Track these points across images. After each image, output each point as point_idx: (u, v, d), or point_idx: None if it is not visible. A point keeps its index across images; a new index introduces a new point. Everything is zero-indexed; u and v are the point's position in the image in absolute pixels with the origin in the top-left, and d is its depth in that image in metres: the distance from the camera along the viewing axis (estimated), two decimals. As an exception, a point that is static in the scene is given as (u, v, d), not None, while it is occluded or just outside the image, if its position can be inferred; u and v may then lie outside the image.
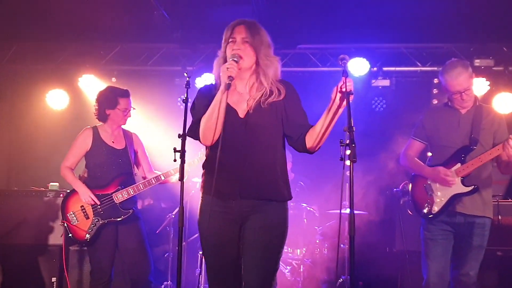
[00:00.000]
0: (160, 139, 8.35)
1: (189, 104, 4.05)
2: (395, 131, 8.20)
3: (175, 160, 3.91)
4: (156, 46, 9.13)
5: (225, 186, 3.84)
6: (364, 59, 8.48)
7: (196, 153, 6.26)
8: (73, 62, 9.11)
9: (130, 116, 6.18)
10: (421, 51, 8.76)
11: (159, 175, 6.11)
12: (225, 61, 3.90)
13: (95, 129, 6.10)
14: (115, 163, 5.99)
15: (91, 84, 8.97)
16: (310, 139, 3.91)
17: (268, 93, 3.92)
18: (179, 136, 3.91)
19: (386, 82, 9.00)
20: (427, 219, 5.33)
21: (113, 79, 9.07)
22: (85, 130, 6.11)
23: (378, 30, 8.22)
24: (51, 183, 7.58)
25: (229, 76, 3.71)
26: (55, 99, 9.31)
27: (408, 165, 5.57)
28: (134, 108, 6.20)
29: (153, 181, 6.08)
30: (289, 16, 8.04)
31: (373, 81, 8.97)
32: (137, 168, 6.27)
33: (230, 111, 3.84)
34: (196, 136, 3.95)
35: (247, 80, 4.00)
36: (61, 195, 7.15)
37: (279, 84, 4.00)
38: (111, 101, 6.03)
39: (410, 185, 5.56)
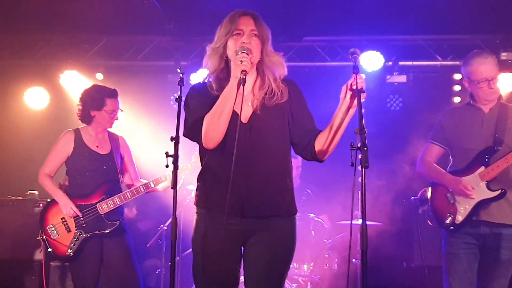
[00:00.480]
0: (151, 143, 8.35)
1: (183, 103, 4.02)
2: (412, 133, 8.19)
3: (167, 166, 3.89)
4: (147, 38, 9.13)
5: (224, 200, 3.68)
6: (378, 53, 8.47)
7: (190, 157, 6.25)
8: (54, 57, 9.11)
9: (117, 119, 6.16)
10: (441, 43, 8.75)
11: (148, 182, 6.10)
12: (223, 55, 3.87)
13: (77, 132, 6.08)
14: (99, 170, 5.97)
15: (74, 81, 8.97)
16: (319, 146, 3.84)
17: (272, 91, 3.87)
18: (172, 139, 3.89)
19: (402, 78, 8.98)
20: (450, 230, 5.30)
21: (99, 76, 9.07)
22: (66, 133, 6.09)
23: (393, 20, 8.21)
24: (30, 191, 7.58)
25: (243, 70, 3.63)
26: (34, 98, 9.31)
27: (426, 172, 5.54)
28: (122, 110, 6.18)
29: (141, 189, 6.06)
30: (293, 4, 8.03)
31: (388, 77, 8.96)
32: (123, 175, 6.25)
33: (232, 115, 3.74)
34: (195, 137, 3.85)
35: (249, 78, 3.87)
36: (41, 204, 7.15)
37: (281, 83, 3.95)
38: (97, 101, 6.01)
39: (430, 193, 5.53)
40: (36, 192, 7.53)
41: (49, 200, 6.08)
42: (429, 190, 5.53)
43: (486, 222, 5.18)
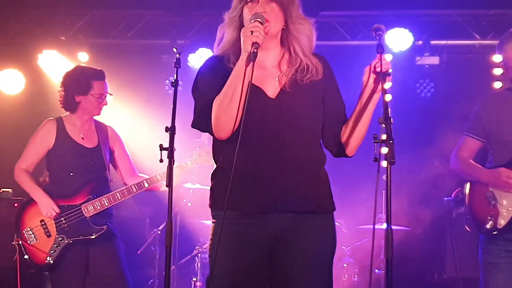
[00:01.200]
0: (143, 134, 8.38)
1: (180, 88, 4.03)
2: (445, 123, 8.20)
3: (161, 161, 3.86)
4: (138, 13, 9.15)
5: (252, 197, 3.61)
6: (406, 30, 8.47)
7: (189, 152, 6.25)
8: (31, 34, 9.13)
9: (106, 104, 6.15)
10: (480, 19, 8.74)
11: (141, 181, 6.07)
12: (240, 25, 3.73)
13: (59, 121, 6.07)
14: (84, 166, 5.97)
15: (54, 63, 8.99)
16: (344, 138, 3.80)
17: (304, 67, 3.77)
18: (167, 129, 3.89)
19: (434, 60, 8.99)
20: (490, 236, 5.29)
21: (82, 56, 9.08)
22: (46, 122, 6.09)
23: (424, -8, 8.22)
24: (2, 190, 7.61)
25: (254, 43, 3.46)
26: (7, 82, 9.33)
27: (461, 169, 5.54)
28: (111, 94, 6.17)
29: (133, 189, 6.04)
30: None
31: (418, 58, 8.97)
32: (115, 171, 6.25)
33: (254, 91, 3.58)
34: (205, 126, 3.73)
35: (273, 51, 3.81)
36: (15, 205, 7.17)
37: (315, 57, 3.85)
38: (82, 84, 5.99)
39: (467, 193, 5.53)
40: (10, 190, 7.55)
41: (25, 199, 6.09)
42: (467, 188, 5.53)
43: None
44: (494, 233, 5.25)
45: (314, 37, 3.87)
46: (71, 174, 5.92)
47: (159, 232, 7.86)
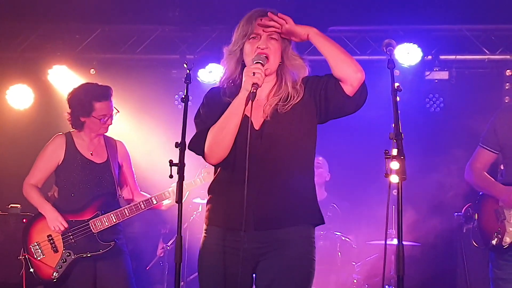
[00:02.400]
0: (152, 149, 8.36)
1: (190, 103, 4.05)
2: (455, 138, 8.17)
3: (171, 176, 3.89)
4: (148, 28, 9.16)
5: (236, 215, 3.78)
6: (415, 45, 8.45)
7: (198, 168, 6.24)
8: (41, 50, 9.16)
9: (111, 124, 6.13)
10: (489, 34, 8.71)
11: (150, 198, 6.06)
12: (240, 59, 3.98)
13: (69, 136, 6.09)
14: (93, 181, 5.97)
15: (64, 78, 9.00)
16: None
17: (287, 96, 3.96)
18: (177, 145, 3.90)
19: (443, 75, 8.97)
20: (497, 253, 5.27)
21: (92, 71, 9.10)
22: (56, 137, 6.10)
23: (433, 7, 8.19)
24: (11, 205, 7.60)
25: (255, 84, 3.74)
26: (17, 97, 9.34)
27: (475, 181, 5.52)
28: (118, 111, 6.15)
29: (142, 205, 6.04)
30: (318, -11, 8.05)
31: (427, 73, 8.94)
32: (121, 188, 6.24)
33: (245, 121, 3.84)
34: (199, 150, 3.98)
35: (267, 84, 4.02)
36: (24, 220, 7.14)
37: (302, 82, 4.05)
38: (84, 106, 5.99)
39: (478, 206, 5.50)
40: (19, 206, 7.54)
41: (33, 215, 6.08)
42: (478, 202, 5.50)
43: None
44: (499, 249, 5.22)
45: (306, 69, 4.06)
46: (80, 189, 5.92)
47: (168, 247, 7.83)
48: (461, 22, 8.65)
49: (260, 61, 3.82)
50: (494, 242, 5.26)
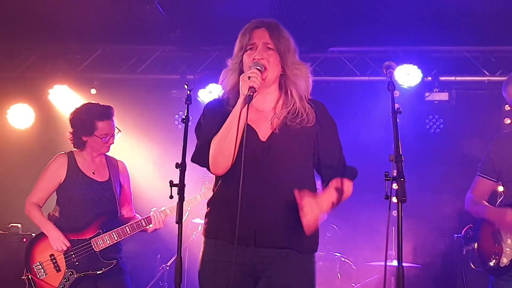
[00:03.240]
0: (152, 170, 8.36)
1: (191, 123, 4.05)
2: (455, 159, 8.18)
3: (171, 197, 3.88)
4: (148, 48, 9.20)
5: (234, 229, 3.70)
6: (415, 67, 8.49)
7: (198, 187, 6.24)
8: (42, 69, 9.19)
9: (113, 143, 6.14)
10: (489, 55, 8.75)
11: (151, 216, 6.05)
12: (240, 71, 3.95)
13: (71, 156, 6.09)
14: (95, 200, 5.97)
15: (64, 98, 9.04)
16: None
17: (296, 111, 3.93)
18: (177, 165, 3.90)
19: (443, 96, 8.99)
20: (495, 274, 5.26)
21: (93, 91, 9.13)
22: (58, 156, 6.11)
23: (433, 29, 8.22)
24: (12, 224, 7.60)
25: (251, 87, 3.71)
26: (18, 116, 9.37)
27: (473, 209, 5.51)
28: (119, 131, 6.17)
29: (143, 223, 6.03)
30: (318, 10, 8.06)
31: (427, 94, 8.97)
32: (122, 206, 6.22)
33: (248, 131, 3.77)
34: (203, 162, 3.94)
35: (270, 96, 4.01)
36: (24, 239, 7.16)
37: (310, 103, 4.02)
38: (86, 125, 5.99)
39: (478, 229, 5.50)
40: (20, 225, 7.55)
41: (34, 234, 6.08)
42: (477, 226, 5.50)
43: None
44: (497, 271, 5.21)
45: (310, 80, 4.04)
46: (81, 208, 5.91)
47: (167, 267, 7.81)
48: (461, 44, 8.69)
49: (257, 67, 3.80)
50: (491, 263, 5.26)
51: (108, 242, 5.87)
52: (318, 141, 3.99)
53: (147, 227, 6.05)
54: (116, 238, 5.90)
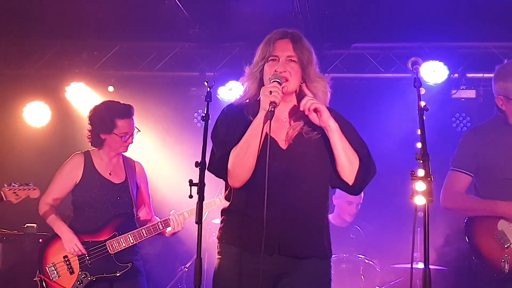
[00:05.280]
0: (171, 168, 8.35)
1: (210, 121, 4.04)
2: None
3: (191, 196, 3.87)
4: (167, 45, 9.21)
5: (258, 238, 3.78)
6: (442, 63, 8.43)
7: (219, 186, 6.22)
8: (59, 66, 9.22)
9: (131, 143, 6.15)
10: (518, 51, 8.68)
11: (168, 218, 6.02)
12: (260, 80, 4.06)
13: (87, 155, 6.10)
14: (111, 201, 5.97)
15: (81, 95, 9.06)
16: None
17: (310, 121, 4.01)
18: (197, 164, 3.89)
19: (471, 93, 8.93)
20: (506, 281, 5.08)
21: (110, 88, 9.14)
22: (74, 156, 6.12)
23: (459, 24, 8.16)
24: (27, 225, 7.61)
25: (272, 102, 3.78)
26: (34, 114, 9.41)
27: (462, 205, 5.35)
28: (139, 131, 6.16)
29: (160, 226, 6.01)
30: (341, 5, 8.03)
31: (454, 91, 8.91)
32: (139, 208, 6.21)
33: (266, 140, 3.87)
34: (220, 174, 4.01)
35: (288, 104, 4.12)
36: (40, 240, 7.16)
37: None
38: (106, 123, 6.01)
39: (471, 236, 5.30)
40: (35, 225, 7.56)
41: (50, 234, 6.08)
42: (469, 229, 5.29)
43: None
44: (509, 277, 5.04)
45: (329, 94, 4.14)
46: (97, 209, 5.93)
47: (186, 269, 7.80)
48: (488, 40, 8.62)
49: (277, 80, 3.88)
50: (506, 270, 5.04)
51: (124, 244, 5.87)
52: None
53: (165, 230, 6.05)
54: (132, 241, 5.89)
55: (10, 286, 7.22)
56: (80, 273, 5.85)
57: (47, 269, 5.90)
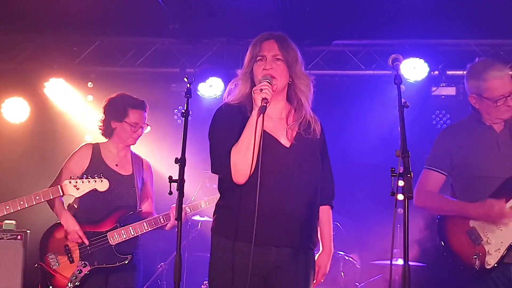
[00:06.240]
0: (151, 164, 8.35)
1: (190, 118, 4.05)
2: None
3: (170, 193, 3.88)
4: (147, 40, 9.18)
5: (258, 230, 3.93)
6: (422, 60, 8.46)
7: (198, 183, 6.23)
8: (38, 62, 9.17)
9: (140, 135, 6.21)
10: (498, 49, 8.72)
11: (169, 212, 6.02)
12: (251, 80, 4.27)
13: (96, 147, 6.17)
14: (115, 193, 5.99)
15: (60, 91, 9.02)
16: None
17: (306, 121, 4.31)
18: (177, 161, 3.89)
19: (451, 90, 8.98)
20: (477, 277, 5.08)
21: (90, 84, 9.12)
22: (82, 146, 6.18)
23: (440, 21, 8.19)
24: (6, 221, 7.57)
25: (264, 98, 3.99)
26: (13, 110, 9.34)
27: (434, 204, 5.34)
28: (149, 126, 6.25)
29: (161, 219, 6.04)
30: (321, 2, 8.04)
31: (434, 88, 8.95)
32: (142, 202, 6.24)
33: (269, 139, 4.16)
34: (225, 173, 4.11)
35: (279, 103, 4.34)
36: (19, 237, 7.11)
37: (314, 116, 4.40)
38: (118, 111, 6.12)
39: (443, 233, 5.29)
40: (14, 222, 7.50)
41: (29, 231, 6.06)
42: (442, 227, 5.29)
43: None
44: (482, 273, 5.03)
45: (311, 92, 4.39)
46: (101, 200, 5.95)
47: (166, 266, 7.80)
48: (468, 37, 8.65)
49: (267, 79, 4.09)
50: (477, 266, 5.04)
51: (125, 236, 5.93)
52: (320, 152, 4.40)
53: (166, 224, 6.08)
54: (132, 233, 5.95)
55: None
56: (80, 262, 5.88)
57: (48, 256, 5.92)
